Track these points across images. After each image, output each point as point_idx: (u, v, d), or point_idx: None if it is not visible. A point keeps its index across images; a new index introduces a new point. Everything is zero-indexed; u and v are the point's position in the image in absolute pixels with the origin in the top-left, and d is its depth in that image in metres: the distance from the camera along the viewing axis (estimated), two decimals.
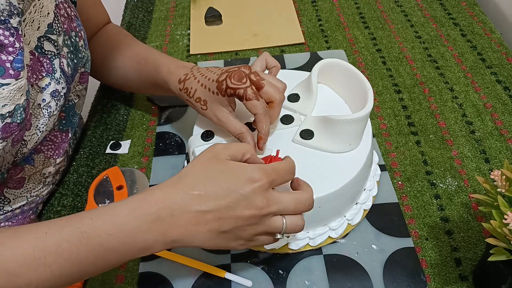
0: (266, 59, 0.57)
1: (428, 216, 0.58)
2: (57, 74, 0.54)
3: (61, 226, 0.39)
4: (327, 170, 0.53)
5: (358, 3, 0.94)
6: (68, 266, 0.38)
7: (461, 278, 0.52)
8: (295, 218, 0.44)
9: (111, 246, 0.39)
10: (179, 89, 0.57)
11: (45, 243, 0.38)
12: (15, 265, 0.37)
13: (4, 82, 0.44)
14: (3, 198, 0.54)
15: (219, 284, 0.52)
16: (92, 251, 0.38)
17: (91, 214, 0.40)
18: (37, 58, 0.51)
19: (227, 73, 0.52)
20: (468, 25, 0.86)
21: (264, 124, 0.51)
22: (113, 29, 0.72)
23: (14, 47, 0.45)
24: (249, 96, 0.50)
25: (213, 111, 0.54)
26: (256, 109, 0.50)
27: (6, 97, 0.44)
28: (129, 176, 0.63)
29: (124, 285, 0.53)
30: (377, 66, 0.79)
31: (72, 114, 0.61)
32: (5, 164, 0.51)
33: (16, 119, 0.46)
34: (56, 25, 0.54)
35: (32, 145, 0.53)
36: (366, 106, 0.53)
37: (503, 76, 0.76)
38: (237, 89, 0.50)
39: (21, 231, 0.39)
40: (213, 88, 0.52)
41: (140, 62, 0.64)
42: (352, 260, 0.53)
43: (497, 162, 0.63)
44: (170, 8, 0.97)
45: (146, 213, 0.39)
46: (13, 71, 0.44)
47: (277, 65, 0.58)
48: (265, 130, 0.51)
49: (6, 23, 0.44)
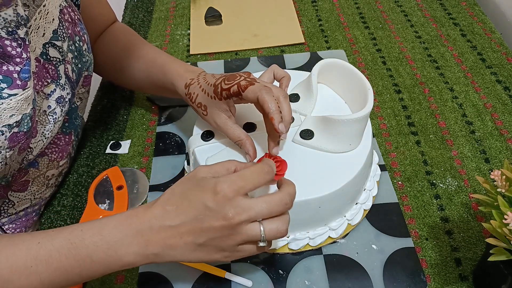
0: (275, 70, 0.56)
1: (428, 216, 0.58)
2: (62, 80, 0.54)
3: (53, 237, 0.42)
4: (327, 170, 0.53)
5: (358, 3, 0.94)
6: (56, 274, 0.41)
7: (461, 278, 0.52)
8: (275, 224, 0.42)
9: (97, 258, 0.41)
10: (185, 94, 0.57)
11: (37, 252, 0.41)
12: (8, 272, 0.40)
13: (11, 93, 0.44)
14: (8, 201, 0.55)
15: (219, 284, 0.52)
16: (80, 262, 0.41)
17: (82, 226, 0.42)
18: (42, 65, 0.51)
19: (224, 77, 0.52)
20: (468, 25, 0.86)
21: (269, 102, 0.48)
22: (120, 29, 0.72)
23: (21, 58, 0.45)
24: (243, 85, 0.49)
25: (212, 117, 0.54)
26: (255, 92, 0.49)
27: (13, 107, 0.44)
28: (129, 176, 0.63)
29: (124, 285, 0.53)
30: (377, 66, 0.79)
31: (75, 117, 0.61)
32: (11, 171, 0.51)
33: (23, 128, 0.46)
34: (61, 31, 0.54)
35: (37, 152, 0.53)
36: (366, 106, 0.53)
37: (503, 76, 0.76)
38: (230, 87, 0.50)
39: (16, 240, 0.42)
40: (211, 92, 0.53)
41: (149, 64, 0.64)
42: (352, 260, 0.53)
43: (497, 162, 0.63)
44: (170, 8, 0.97)
45: (129, 227, 0.42)
46: (20, 81, 0.45)
47: (286, 75, 0.56)
48: (273, 109, 0.48)
49: (13, 34, 0.44)
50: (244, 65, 0.81)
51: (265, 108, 0.48)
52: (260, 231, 0.42)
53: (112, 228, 0.42)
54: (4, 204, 0.54)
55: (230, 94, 0.51)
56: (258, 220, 0.42)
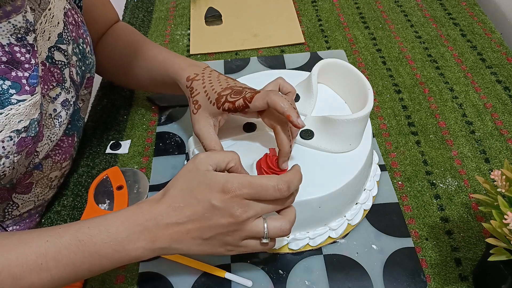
0: (280, 83, 0.55)
1: (428, 216, 0.58)
2: (67, 83, 0.55)
3: (60, 234, 0.42)
4: (327, 170, 0.53)
5: (358, 3, 0.94)
6: (66, 270, 0.42)
7: (461, 278, 0.52)
8: (278, 222, 0.44)
9: (105, 253, 0.42)
10: (186, 86, 0.57)
11: (47, 250, 0.41)
12: (19, 270, 0.41)
13: (20, 99, 0.44)
14: (12, 203, 0.55)
15: (219, 284, 0.52)
16: (88, 258, 0.42)
17: (88, 224, 0.43)
18: (48, 69, 0.52)
19: (231, 90, 0.52)
20: (468, 25, 0.86)
21: (281, 102, 0.47)
22: (123, 28, 0.71)
23: (30, 64, 0.45)
24: (249, 96, 0.50)
25: (199, 118, 0.54)
26: (262, 98, 0.49)
27: (22, 113, 0.45)
28: (129, 176, 0.63)
29: (124, 285, 0.53)
30: (377, 66, 0.79)
31: (77, 119, 0.61)
32: (17, 175, 0.51)
33: (30, 133, 0.47)
34: (66, 34, 0.54)
35: (43, 155, 0.53)
36: (366, 106, 0.53)
37: (503, 76, 0.76)
38: (235, 101, 0.50)
39: (25, 239, 0.42)
40: (212, 98, 0.53)
41: (151, 60, 0.64)
42: (352, 260, 0.53)
43: (497, 162, 0.63)
44: (170, 8, 0.97)
45: (135, 224, 0.43)
46: (28, 87, 0.45)
47: (292, 90, 0.55)
48: (286, 106, 0.47)
49: (22, 40, 0.45)
50: (244, 65, 0.81)
51: (278, 108, 0.48)
52: (263, 228, 0.43)
53: (119, 225, 0.43)
54: (8, 206, 0.55)
55: (235, 108, 0.51)
56: (263, 217, 0.44)
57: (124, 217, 0.43)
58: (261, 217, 0.44)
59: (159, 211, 0.43)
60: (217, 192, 0.42)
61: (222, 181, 0.42)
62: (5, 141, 0.44)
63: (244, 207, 0.42)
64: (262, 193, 0.42)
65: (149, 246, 0.43)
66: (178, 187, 0.44)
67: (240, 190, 0.42)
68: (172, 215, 0.43)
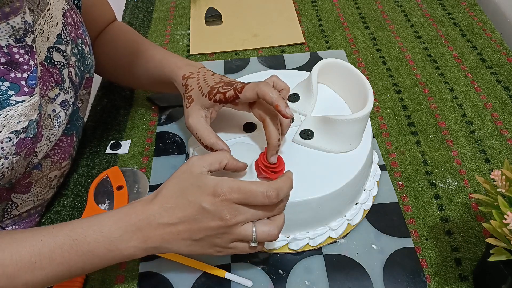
0: (274, 81, 0.55)
1: (428, 216, 0.58)
2: (66, 84, 0.55)
3: (55, 234, 0.43)
4: (327, 170, 0.53)
5: (358, 3, 0.94)
6: (60, 269, 0.43)
7: (461, 278, 0.52)
8: (267, 227, 0.45)
9: (98, 252, 0.43)
10: (182, 84, 0.58)
11: (41, 249, 0.42)
12: (14, 269, 0.41)
13: (19, 100, 0.45)
14: (11, 203, 0.55)
15: (219, 284, 0.52)
16: (82, 257, 0.43)
17: (82, 223, 0.44)
18: (46, 69, 0.52)
19: (224, 83, 0.53)
20: (468, 25, 0.86)
21: (270, 92, 0.48)
22: (120, 27, 0.72)
23: (29, 65, 0.46)
24: (240, 87, 0.50)
25: (191, 111, 0.54)
26: (252, 88, 0.49)
27: (21, 114, 0.45)
28: (129, 176, 0.63)
29: (124, 285, 0.53)
30: (377, 66, 0.79)
31: (76, 119, 0.61)
32: (16, 176, 0.51)
33: (29, 134, 0.47)
34: (65, 35, 0.54)
35: (42, 155, 0.53)
36: (366, 106, 0.53)
37: (503, 76, 0.76)
38: (226, 92, 0.51)
39: (18, 238, 0.43)
40: (205, 91, 0.54)
41: (148, 59, 0.65)
42: (352, 260, 0.53)
43: (497, 162, 0.63)
44: (170, 8, 0.97)
45: (128, 224, 0.44)
46: (27, 88, 0.45)
47: (286, 87, 0.55)
48: (275, 96, 0.47)
49: (21, 42, 0.45)
50: (244, 65, 0.81)
51: (267, 98, 0.48)
52: (252, 232, 0.44)
53: (112, 225, 0.44)
54: (8, 206, 0.55)
55: (225, 99, 0.51)
56: (252, 221, 0.45)
57: (117, 217, 0.44)
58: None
59: (152, 211, 0.44)
60: (207, 195, 0.43)
61: (213, 185, 0.43)
62: (4, 142, 0.44)
63: (233, 211, 0.43)
64: (251, 198, 0.43)
65: (141, 246, 0.44)
66: (170, 188, 0.45)
67: (230, 195, 0.42)
68: (164, 215, 0.44)
